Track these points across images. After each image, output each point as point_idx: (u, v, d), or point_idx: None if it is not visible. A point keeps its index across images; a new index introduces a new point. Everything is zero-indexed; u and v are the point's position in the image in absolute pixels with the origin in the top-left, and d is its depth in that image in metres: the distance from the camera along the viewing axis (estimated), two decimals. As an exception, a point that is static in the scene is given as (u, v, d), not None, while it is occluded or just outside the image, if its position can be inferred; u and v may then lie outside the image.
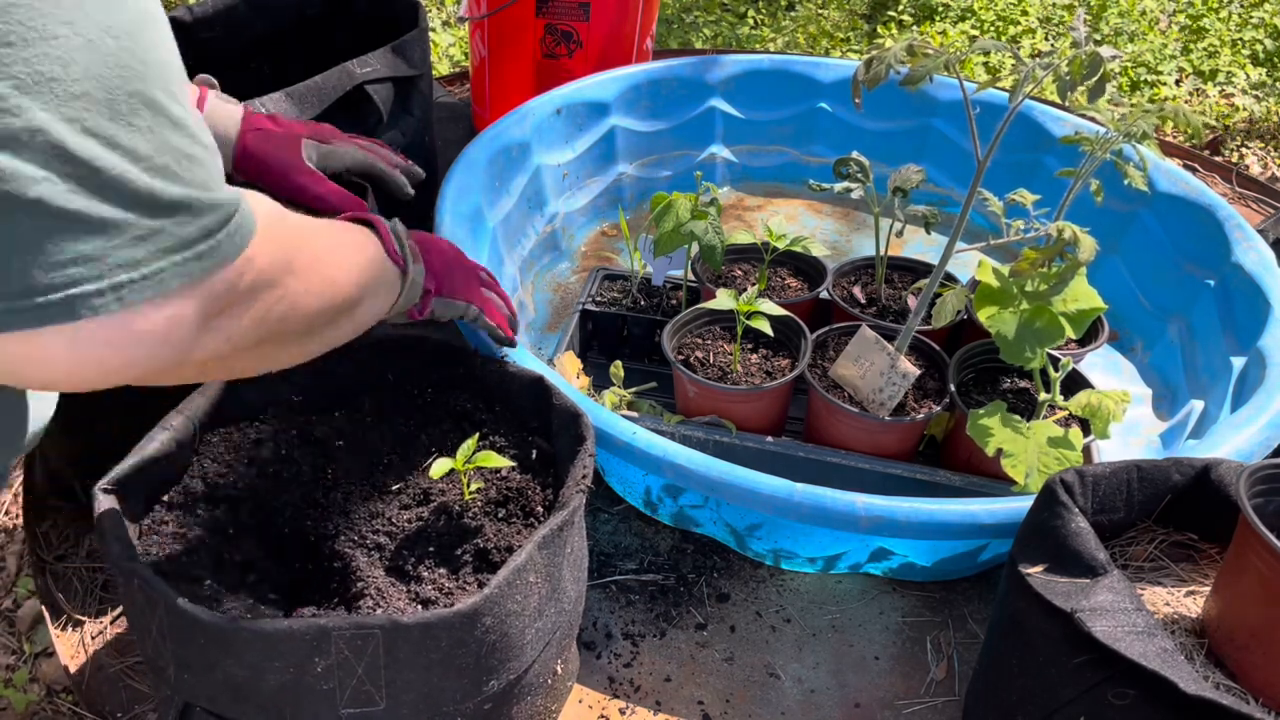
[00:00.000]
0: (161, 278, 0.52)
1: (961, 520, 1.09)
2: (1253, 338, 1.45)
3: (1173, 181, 1.76)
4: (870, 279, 1.62)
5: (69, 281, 0.48)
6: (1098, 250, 1.09)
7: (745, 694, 1.17)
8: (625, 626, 1.25)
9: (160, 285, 0.52)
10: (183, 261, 0.53)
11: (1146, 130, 1.17)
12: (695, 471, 1.13)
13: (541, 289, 1.82)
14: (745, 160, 2.16)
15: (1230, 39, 3.21)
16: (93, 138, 0.47)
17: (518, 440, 1.08)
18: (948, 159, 2.06)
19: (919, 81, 1.07)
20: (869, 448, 1.34)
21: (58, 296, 0.48)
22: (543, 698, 1.01)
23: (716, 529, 1.31)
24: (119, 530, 0.85)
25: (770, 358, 1.43)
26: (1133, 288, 1.78)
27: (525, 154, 1.80)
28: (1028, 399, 1.37)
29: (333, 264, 0.77)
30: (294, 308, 0.69)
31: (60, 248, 0.47)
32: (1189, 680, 0.78)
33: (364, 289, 0.83)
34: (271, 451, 1.04)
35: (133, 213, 0.50)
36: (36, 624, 1.47)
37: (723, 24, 3.38)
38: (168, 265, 0.52)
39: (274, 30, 1.60)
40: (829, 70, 2.10)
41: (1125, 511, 1.01)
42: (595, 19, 2.04)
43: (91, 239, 0.49)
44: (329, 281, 0.75)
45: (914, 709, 1.17)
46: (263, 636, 0.77)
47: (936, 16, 3.38)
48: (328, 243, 0.77)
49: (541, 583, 0.89)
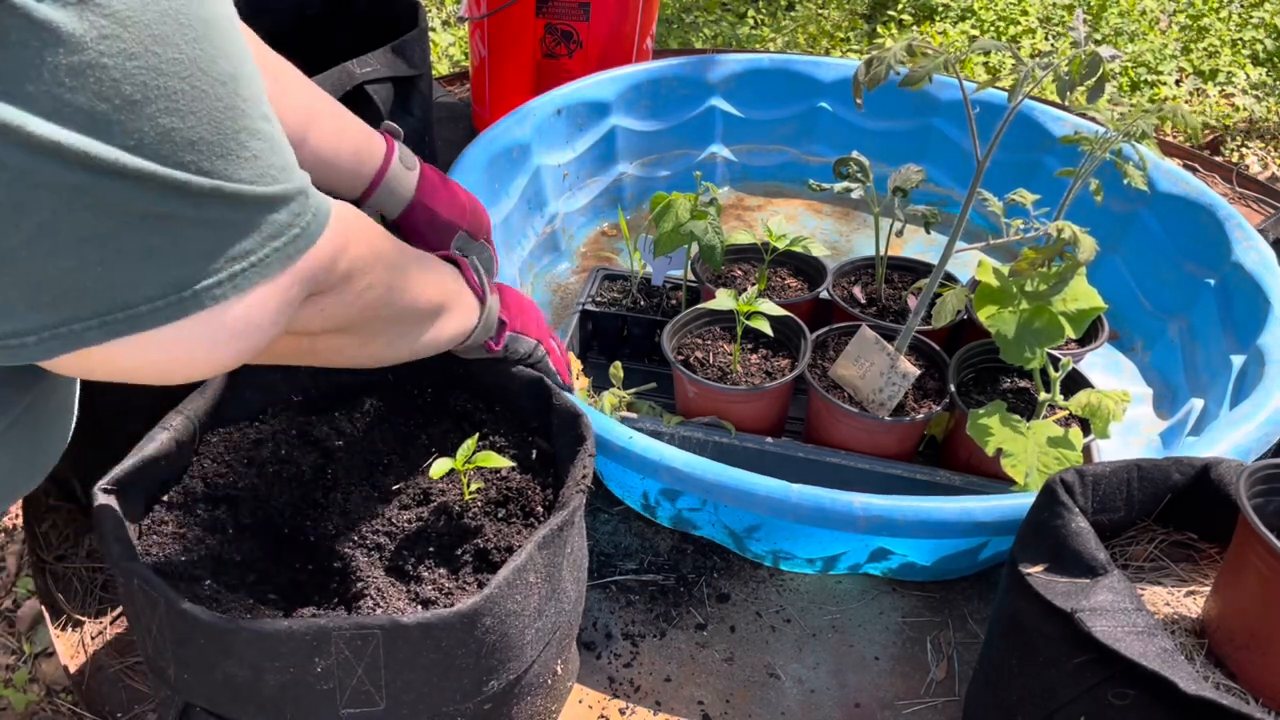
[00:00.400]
0: (268, 263, 0.60)
1: (959, 518, 1.09)
2: (1252, 336, 1.45)
3: (1173, 181, 1.76)
4: (870, 279, 1.62)
5: (196, 277, 0.57)
6: (1097, 250, 1.09)
7: (745, 694, 1.17)
8: (625, 626, 1.25)
9: (267, 270, 0.60)
10: (282, 246, 0.61)
11: (1146, 130, 1.17)
12: (692, 475, 1.13)
13: (541, 290, 1.82)
14: (745, 160, 2.16)
15: (1230, 39, 3.20)
16: (206, 176, 0.55)
17: (518, 440, 1.08)
18: (948, 159, 2.06)
19: (919, 82, 1.07)
20: (869, 448, 1.34)
21: (188, 292, 0.57)
22: (543, 698, 1.00)
23: (715, 531, 1.30)
24: (119, 530, 0.85)
25: (770, 358, 1.43)
26: (1133, 287, 1.78)
27: (525, 154, 1.80)
28: (1028, 399, 1.37)
29: (419, 270, 0.86)
30: (385, 295, 0.79)
31: (184, 251, 0.56)
32: (1189, 680, 0.78)
33: (447, 300, 0.92)
34: (271, 451, 1.04)
35: (241, 213, 0.58)
36: (36, 624, 1.47)
37: (723, 24, 3.38)
38: (270, 251, 0.60)
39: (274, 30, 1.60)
40: (829, 70, 2.10)
41: (1125, 511, 1.01)
42: (595, 19, 2.04)
43: (209, 240, 0.57)
44: (417, 281, 0.85)
45: (914, 709, 1.17)
46: (263, 636, 0.77)
47: (936, 16, 3.38)
48: (415, 255, 0.87)
49: (541, 583, 0.89)
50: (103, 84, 0.49)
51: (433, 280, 0.90)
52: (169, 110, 0.52)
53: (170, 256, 0.56)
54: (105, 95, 0.50)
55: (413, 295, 0.84)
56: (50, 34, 0.47)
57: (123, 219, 0.53)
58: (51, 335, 0.54)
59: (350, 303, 0.75)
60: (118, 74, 0.50)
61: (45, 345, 0.54)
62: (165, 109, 0.52)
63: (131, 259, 0.54)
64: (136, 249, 0.54)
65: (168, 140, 0.53)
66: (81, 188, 0.51)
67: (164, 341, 0.58)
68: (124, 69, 0.50)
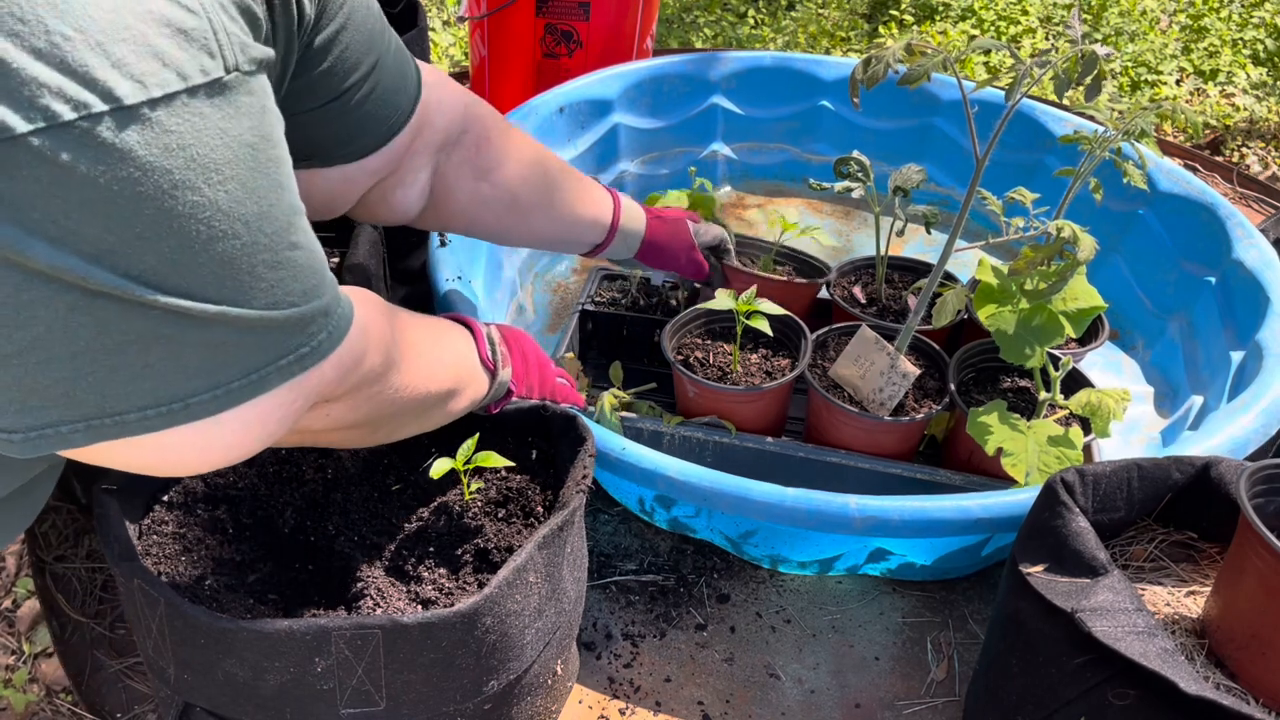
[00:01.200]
0: (268, 379, 0.60)
1: (957, 516, 1.09)
2: (1252, 332, 1.45)
3: (1173, 180, 1.76)
4: (870, 279, 1.62)
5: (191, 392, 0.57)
6: (1097, 248, 1.09)
7: (745, 694, 1.17)
8: (625, 627, 1.25)
9: (265, 386, 0.60)
10: (287, 364, 0.61)
11: (1145, 128, 1.17)
12: (687, 483, 1.12)
13: (541, 290, 1.82)
14: (746, 158, 2.16)
15: (1231, 39, 3.20)
16: (212, 304, 0.55)
17: (518, 440, 1.08)
18: (949, 158, 2.06)
19: (917, 80, 1.07)
20: (869, 448, 1.34)
21: (179, 405, 0.56)
22: (543, 698, 1.00)
23: (712, 535, 1.30)
24: (119, 530, 0.85)
25: (770, 357, 1.42)
26: (1133, 286, 1.78)
27: (525, 154, 1.80)
28: (1028, 398, 1.37)
29: (432, 361, 0.86)
30: (394, 396, 0.79)
31: (182, 369, 0.56)
32: (1189, 680, 0.78)
33: (459, 384, 0.92)
34: (271, 452, 1.04)
35: (248, 336, 0.58)
36: (36, 624, 1.46)
37: (723, 23, 3.37)
38: (273, 370, 0.60)
39: (274, 30, 1.60)
40: (831, 68, 2.10)
41: (1126, 510, 1.01)
42: (595, 19, 2.04)
43: (210, 360, 0.57)
44: (427, 378, 0.85)
45: (914, 709, 1.17)
46: (263, 636, 0.77)
47: (937, 16, 3.38)
48: (430, 345, 0.88)
49: (541, 583, 0.89)
50: (112, 220, 0.49)
51: (445, 361, 0.90)
52: (181, 248, 0.52)
53: (166, 373, 0.55)
54: (114, 230, 0.49)
55: (423, 386, 0.84)
56: (64, 173, 0.47)
57: (121, 338, 0.53)
58: (39, 435, 0.54)
59: (358, 407, 0.74)
60: (130, 213, 0.50)
61: (31, 443, 0.55)
62: (177, 246, 0.52)
63: (126, 374, 0.54)
64: (132, 365, 0.54)
65: (175, 274, 0.52)
66: (79, 307, 0.50)
67: (152, 444, 0.57)
68: (137, 209, 0.50)
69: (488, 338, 1.00)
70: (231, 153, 0.53)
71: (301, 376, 0.62)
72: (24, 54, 0.45)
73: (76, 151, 0.47)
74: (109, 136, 0.47)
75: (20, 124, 0.45)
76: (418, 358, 0.83)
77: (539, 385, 1.08)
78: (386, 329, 0.76)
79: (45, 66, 0.46)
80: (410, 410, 0.84)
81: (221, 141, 0.52)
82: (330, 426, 0.75)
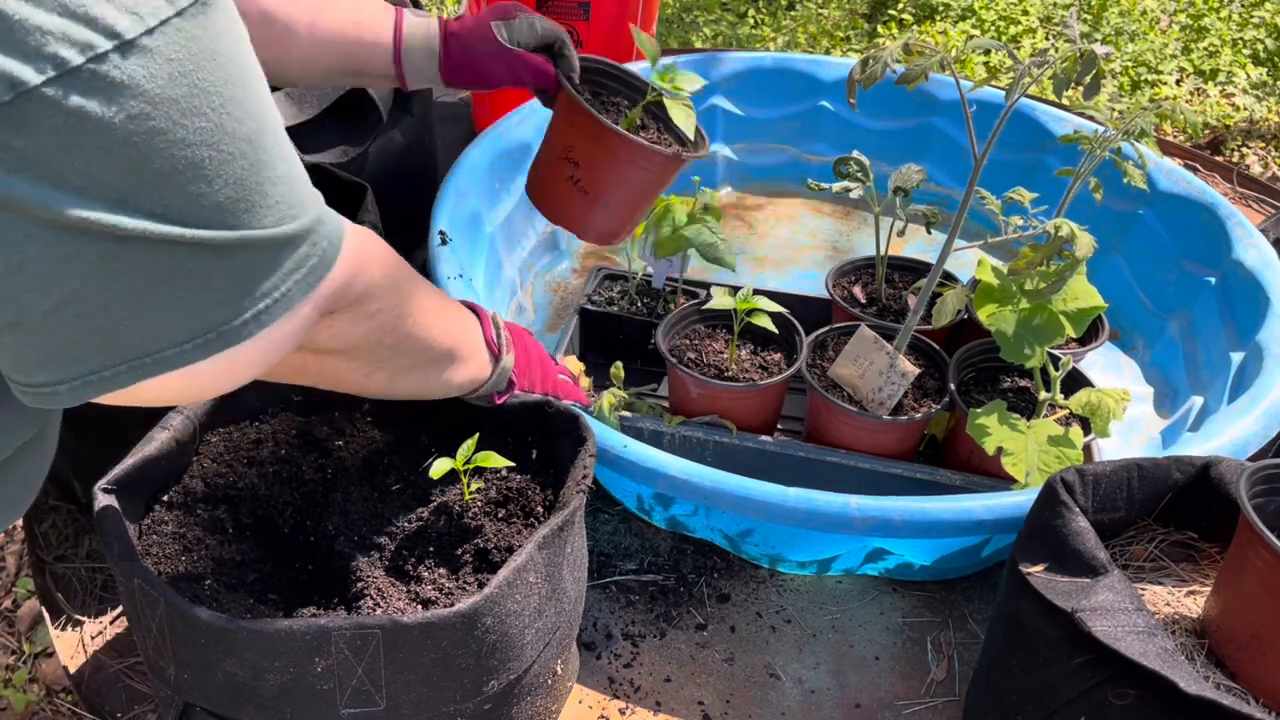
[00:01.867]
0: (290, 296, 0.62)
1: (957, 516, 1.09)
2: (1253, 332, 1.45)
3: (1173, 180, 1.76)
4: (870, 278, 1.62)
5: (223, 319, 0.58)
6: (1095, 247, 1.09)
7: (745, 694, 1.17)
8: (625, 627, 1.25)
9: (289, 302, 0.62)
10: (302, 278, 0.62)
11: (1145, 128, 1.17)
12: (688, 482, 1.13)
13: (541, 290, 1.82)
14: (746, 158, 2.16)
15: (1231, 38, 3.20)
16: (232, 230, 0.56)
17: (518, 440, 1.08)
18: (949, 158, 2.06)
19: (914, 80, 1.07)
20: (869, 447, 1.34)
21: (214, 333, 0.58)
22: (543, 698, 1.00)
23: (710, 534, 1.30)
24: (119, 530, 0.85)
25: (759, 352, 1.43)
26: (1133, 286, 1.78)
27: (527, 154, 1.80)
28: (1028, 398, 1.37)
29: (433, 305, 0.86)
30: (394, 321, 0.79)
31: (212, 297, 0.57)
32: (1189, 680, 0.78)
33: (460, 348, 0.92)
34: (271, 451, 1.04)
35: (265, 254, 0.59)
36: (36, 624, 1.46)
37: (723, 23, 3.37)
38: (291, 285, 0.62)
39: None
40: (831, 68, 2.10)
41: (1126, 510, 1.01)
42: (595, 19, 2.04)
43: (236, 285, 0.58)
44: (429, 314, 0.84)
45: (914, 709, 1.17)
46: (263, 636, 0.77)
47: (937, 16, 3.38)
48: (436, 299, 0.87)
49: (541, 583, 0.89)
50: (131, 161, 0.50)
51: (449, 321, 0.90)
52: (197, 178, 0.53)
53: (198, 304, 0.57)
54: (134, 170, 0.50)
55: (424, 329, 0.84)
56: (79, 120, 0.47)
57: (152, 278, 0.54)
58: (82, 383, 0.56)
59: (359, 322, 0.75)
60: (146, 151, 0.50)
61: (77, 392, 0.56)
62: (193, 177, 0.53)
63: (160, 311, 0.56)
64: (165, 302, 0.55)
65: (195, 205, 0.54)
66: (110, 256, 0.51)
67: (189, 375, 0.59)
68: (152, 145, 0.50)
69: (493, 321, 1.00)
70: (225, 73, 0.54)
71: (316, 288, 0.64)
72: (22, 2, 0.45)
73: (88, 95, 0.47)
74: (117, 75, 0.48)
75: (32, 76, 0.45)
76: (422, 298, 0.83)
77: (541, 380, 1.08)
78: (384, 251, 0.77)
79: (46, 13, 0.45)
80: (411, 354, 0.85)
81: (216, 63, 0.53)
82: (332, 344, 0.75)
